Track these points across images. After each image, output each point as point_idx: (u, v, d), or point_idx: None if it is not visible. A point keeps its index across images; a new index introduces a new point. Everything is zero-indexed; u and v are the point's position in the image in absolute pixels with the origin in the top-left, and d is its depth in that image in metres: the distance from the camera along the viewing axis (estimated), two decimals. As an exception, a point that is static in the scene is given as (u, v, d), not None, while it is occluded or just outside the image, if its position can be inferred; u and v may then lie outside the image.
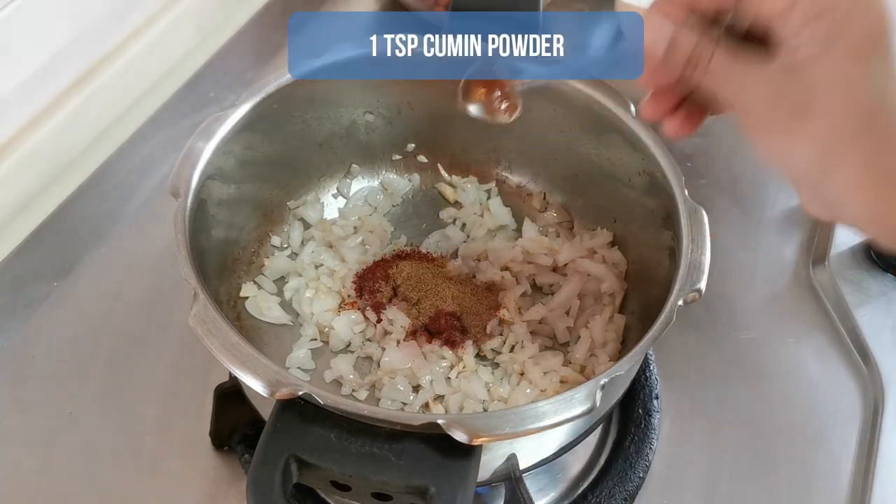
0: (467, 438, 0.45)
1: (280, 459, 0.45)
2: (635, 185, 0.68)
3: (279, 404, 0.47)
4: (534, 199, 0.80)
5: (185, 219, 0.57)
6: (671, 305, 0.54)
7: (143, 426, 0.68)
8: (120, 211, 0.84)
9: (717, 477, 0.67)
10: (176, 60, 1.01)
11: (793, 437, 0.70)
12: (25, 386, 0.71)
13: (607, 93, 0.68)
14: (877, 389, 0.72)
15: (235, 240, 0.71)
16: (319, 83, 0.70)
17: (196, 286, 0.53)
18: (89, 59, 0.90)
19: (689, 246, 0.57)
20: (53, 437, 0.68)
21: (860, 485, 0.67)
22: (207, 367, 0.71)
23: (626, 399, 0.69)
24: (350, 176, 0.80)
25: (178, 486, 0.65)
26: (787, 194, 0.89)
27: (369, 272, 0.74)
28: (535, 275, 0.75)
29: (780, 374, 0.74)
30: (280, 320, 0.71)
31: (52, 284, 0.77)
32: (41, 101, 0.85)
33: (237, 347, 0.50)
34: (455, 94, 0.75)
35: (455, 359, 0.68)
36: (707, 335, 0.76)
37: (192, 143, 0.62)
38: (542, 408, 0.47)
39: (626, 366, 0.51)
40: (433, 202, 0.82)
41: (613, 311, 0.71)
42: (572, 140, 0.73)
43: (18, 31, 0.79)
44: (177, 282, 0.54)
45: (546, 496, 0.66)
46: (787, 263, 0.83)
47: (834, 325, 0.77)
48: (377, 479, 0.45)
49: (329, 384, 0.68)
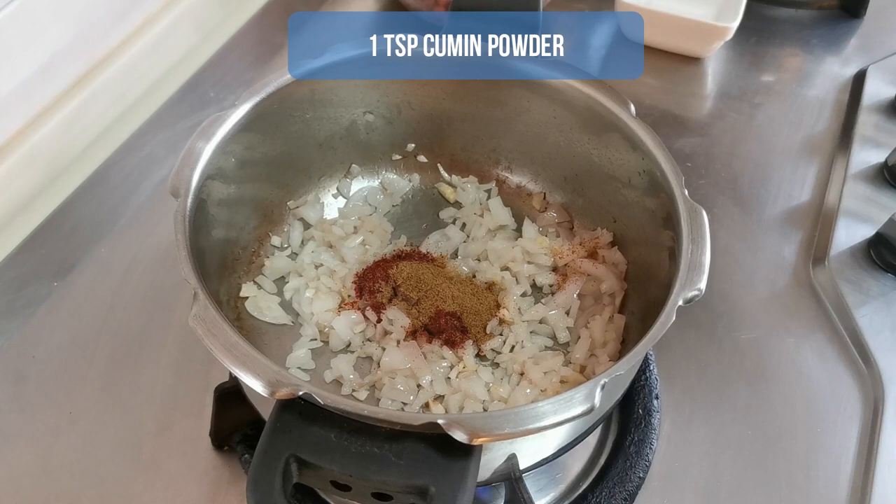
0: (467, 438, 0.45)
1: (280, 459, 0.45)
2: (635, 185, 0.68)
3: (279, 404, 0.47)
4: (534, 199, 0.80)
5: (185, 219, 0.57)
6: (671, 305, 0.54)
7: (143, 426, 0.68)
8: (120, 211, 0.84)
9: (717, 477, 0.67)
10: (176, 60, 1.01)
11: (793, 437, 0.70)
12: (25, 386, 0.71)
13: (607, 93, 0.68)
14: (877, 389, 0.72)
15: (235, 240, 0.71)
16: (319, 83, 0.70)
17: (196, 286, 0.53)
18: (89, 59, 0.90)
19: (689, 246, 0.57)
20: (53, 437, 0.68)
21: (860, 485, 0.67)
22: (207, 367, 0.71)
23: (626, 399, 0.69)
24: (350, 176, 0.80)
25: (178, 486, 0.65)
26: (787, 194, 0.89)
27: (369, 272, 0.74)
28: (535, 275, 0.75)
29: (780, 374, 0.74)
30: (280, 320, 0.71)
31: (52, 284, 0.78)
32: (41, 101, 0.85)
33: (237, 347, 0.50)
34: (455, 94, 0.76)
35: (455, 359, 0.68)
36: (707, 335, 0.76)
37: (192, 143, 0.62)
38: (542, 408, 0.47)
39: (626, 366, 0.51)
40: (433, 202, 0.82)
41: (613, 311, 0.71)
42: (572, 140, 0.73)
43: (18, 31, 0.79)
44: (177, 282, 0.54)
45: (546, 496, 0.66)
46: (787, 263, 0.83)
47: (834, 325, 0.77)
48: (377, 479, 0.45)
49: (329, 384, 0.68)
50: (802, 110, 0.99)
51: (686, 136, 0.95)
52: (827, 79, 1.03)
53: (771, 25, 1.10)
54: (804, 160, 0.93)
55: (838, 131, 0.96)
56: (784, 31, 1.09)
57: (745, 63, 1.05)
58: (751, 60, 1.05)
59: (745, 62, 1.05)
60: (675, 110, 0.99)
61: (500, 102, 0.75)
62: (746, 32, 1.05)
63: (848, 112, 0.98)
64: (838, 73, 1.04)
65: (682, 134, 0.96)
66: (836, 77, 1.03)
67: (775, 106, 1.00)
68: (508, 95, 0.74)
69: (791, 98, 1.01)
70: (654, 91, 1.01)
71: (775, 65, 1.05)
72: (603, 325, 0.69)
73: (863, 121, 0.94)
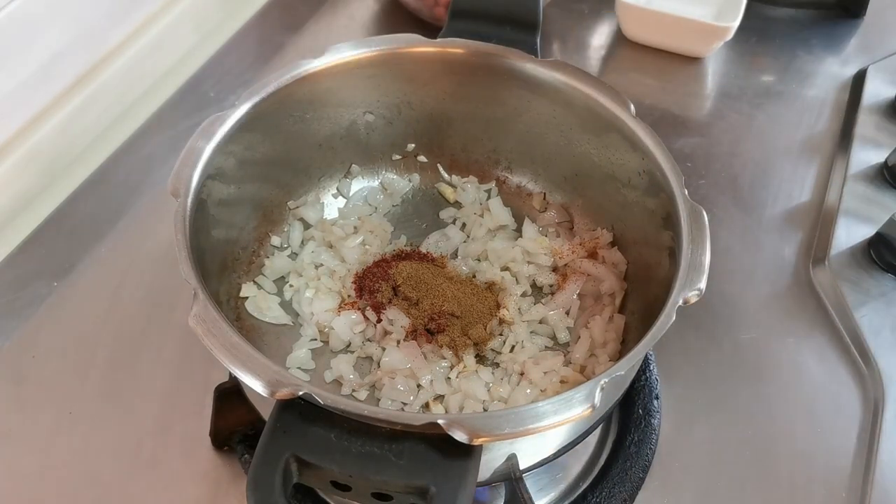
0: (467, 438, 0.45)
1: (280, 459, 0.45)
2: (635, 185, 0.68)
3: (279, 404, 0.47)
4: (534, 199, 0.80)
5: (185, 219, 0.57)
6: (671, 305, 0.54)
7: (143, 426, 0.68)
8: (120, 211, 0.84)
9: (717, 477, 0.67)
10: (176, 60, 1.01)
11: (793, 438, 0.70)
12: (25, 386, 0.71)
13: (607, 93, 0.68)
14: (877, 389, 0.72)
15: (235, 240, 0.71)
16: (319, 83, 0.70)
17: (196, 286, 0.53)
18: (89, 59, 0.90)
19: (689, 246, 0.57)
20: (53, 437, 0.68)
21: (860, 485, 0.67)
22: (207, 367, 0.71)
23: (626, 399, 0.69)
24: (350, 176, 0.80)
25: (178, 486, 0.65)
26: (787, 194, 0.89)
27: (369, 272, 0.74)
28: (535, 275, 0.75)
29: (780, 374, 0.74)
30: (280, 320, 0.71)
31: (52, 284, 0.78)
32: (41, 101, 0.85)
33: (237, 347, 0.50)
34: (455, 94, 0.76)
35: (455, 359, 0.68)
36: (707, 335, 0.76)
37: (192, 143, 0.62)
38: (542, 408, 0.47)
39: (626, 366, 0.51)
40: (433, 202, 0.82)
41: (613, 311, 0.71)
42: (572, 140, 0.73)
43: (18, 31, 0.79)
44: (177, 282, 0.54)
45: (546, 496, 0.66)
46: (787, 263, 0.83)
47: (834, 325, 0.77)
48: (377, 479, 0.45)
49: (329, 384, 0.68)
50: (802, 110, 0.99)
51: (686, 136, 0.95)
52: (827, 79, 1.03)
53: (771, 25, 1.10)
54: (804, 160, 0.93)
55: (838, 131, 0.96)
56: (784, 31, 1.09)
57: (745, 63, 1.05)
58: (751, 60, 1.05)
59: (745, 62, 1.05)
60: (675, 110, 0.99)
61: (500, 102, 0.75)
62: (746, 32, 1.05)
63: (848, 112, 0.98)
64: (838, 73, 1.04)
65: (682, 134, 0.96)
66: (836, 77, 1.03)
67: (775, 106, 1.00)
68: (508, 95, 0.74)
69: (791, 98, 1.01)
70: (654, 91, 1.01)
71: (775, 65, 1.05)
72: (603, 325, 0.69)
73: (863, 121, 0.94)
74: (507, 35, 0.72)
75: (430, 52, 0.72)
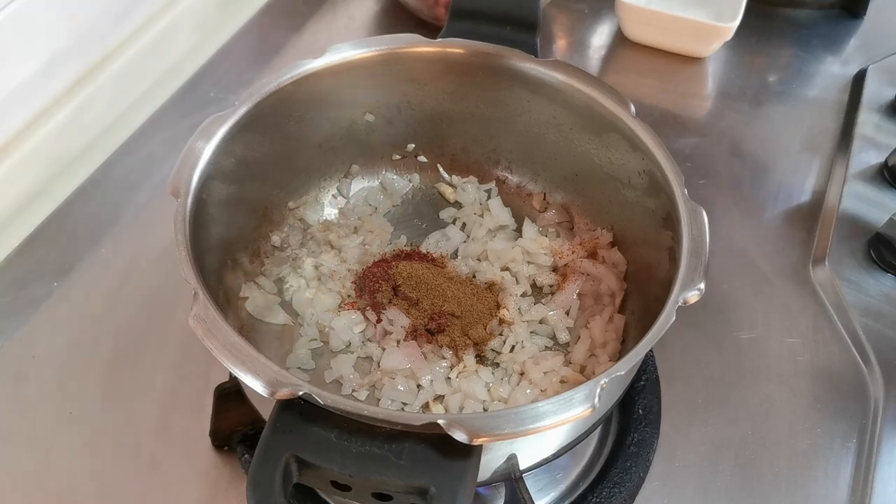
0: (467, 438, 0.45)
1: (280, 459, 0.45)
2: (635, 185, 0.68)
3: (279, 404, 0.47)
4: (534, 199, 0.80)
5: (185, 219, 0.57)
6: (671, 305, 0.54)
7: (143, 426, 0.68)
8: (120, 211, 0.84)
9: (717, 477, 0.67)
10: (176, 60, 1.01)
11: (793, 438, 0.70)
12: (25, 386, 0.71)
13: (607, 93, 0.68)
14: (877, 389, 0.72)
15: (235, 240, 0.71)
16: (319, 83, 0.70)
17: (196, 286, 0.53)
18: (89, 59, 0.90)
19: (689, 246, 0.57)
20: (53, 437, 0.68)
21: (860, 485, 0.67)
22: (207, 367, 0.71)
23: (626, 399, 0.69)
24: (350, 176, 0.80)
25: (178, 486, 0.65)
26: (787, 194, 0.89)
27: (369, 272, 0.74)
28: (535, 275, 0.75)
29: (780, 374, 0.74)
30: (280, 320, 0.71)
31: (52, 284, 0.78)
32: (41, 101, 0.85)
33: (237, 347, 0.50)
34: (455, 94, 0.76)
35: (455, 359, 0.68)
36: (707, 335, 0.76)
37: (192, 143, 0.62)
38: (542, 408, 0.47)
39: (626, 366, 0.51)
40: (433, 202, 0.82)
41: (613, 311, 0.71)
42: (572, 140, 0.73)
43: (18, 31, 0.79)
44: (177, 282, 0.54)
45: (546, 496, 0.66)
46: (787, 263, 0.83)
47: (834, 325, 0.77)
48: (377, 479, 0.45)
49: (329, 384, 0.68)
50: (802, 110, 0.99)
51: (686, 136, 0.95)
52: (827, 79, 1.03)
53: (771, 25, 1.10)
54: (804, 160, 0.93)
55: (838, 131, 0.96)
56: (784, 31, 1.09)
57: (745, 63, 1.05)
58: (751, 60, 1.05)
59: (745, 62, 1.05)
60: (675, 110, 0.99)
61: (500, 102, 0.75)
62: (746, 32, 1.05)
63: (848, 112, 0.98)
64: (838, 73, 1.04)
65: (682, 134, 0.96)
66: (836, 77, 1.03)
67: (775, 106, 1.00)
68: (508, 95, 0.74)
69: (791, 98, 1.01)
70: (654, 91, 1.01)
71: (775, 65, 1.05)
72: (603, 325, 0.69)
73: (863, 121, 0.94)
74: (507, 35, 0.72)
75: (430, 52, 0.72)
